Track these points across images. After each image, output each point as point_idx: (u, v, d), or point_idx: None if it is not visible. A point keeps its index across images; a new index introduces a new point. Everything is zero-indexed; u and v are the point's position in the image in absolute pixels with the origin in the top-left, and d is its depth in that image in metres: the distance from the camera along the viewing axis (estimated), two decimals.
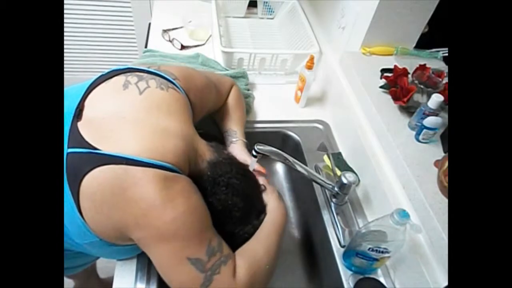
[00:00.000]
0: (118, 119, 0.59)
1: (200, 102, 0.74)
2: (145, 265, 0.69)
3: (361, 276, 0.71)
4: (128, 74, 0.66)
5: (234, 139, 0.83)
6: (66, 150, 0.55)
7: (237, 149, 0.81)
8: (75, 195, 0.54)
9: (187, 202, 0.56)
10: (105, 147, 0.55)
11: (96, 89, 0.63)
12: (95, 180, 0.53)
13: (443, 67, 0.92)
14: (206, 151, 0.67)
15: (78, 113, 0.59)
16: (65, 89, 0.66)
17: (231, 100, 0.88)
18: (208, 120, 0.88)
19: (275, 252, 0.66)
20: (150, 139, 0.58)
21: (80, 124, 0.58)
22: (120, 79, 0.65)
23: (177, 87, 0.68)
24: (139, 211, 0.53)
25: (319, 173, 0.89)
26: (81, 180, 0.53)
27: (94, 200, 0.54)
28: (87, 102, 0.61)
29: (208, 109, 0.82)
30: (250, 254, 0.62)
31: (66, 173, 0.54)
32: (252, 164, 0.73)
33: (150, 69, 0.68)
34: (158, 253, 0.55)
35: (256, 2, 1.37)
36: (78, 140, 0.56)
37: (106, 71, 0.66)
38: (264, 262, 0.63)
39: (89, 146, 0.55)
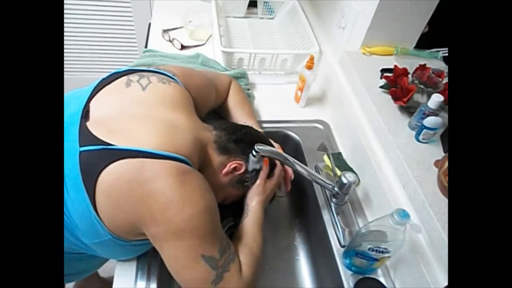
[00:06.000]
0: (126, 116, 0.61)
1: (201, 99, 0.76)
2: (145, 265, 0.69)
3: (361, 276, 0.71)
4: (129, 74, 0.67)
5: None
6: (78, 149, 0.55)
7: None
8: (90, 192, 0.54)
9: (204, 200, 0.57)
10: (119, 143, 0.55)
11: (100, 92, 0.65)
12: (113, 175, 0.54)
13: (443, 67, 0.92)
14: (210, 137, 0.70)
15: (85, 114, 0.60)
16: (67, 94, 0.67)
17: (234, 95, 0.90)
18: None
19: (263, 246, 0.69)
20: (162, 133, 0.59)
21: (89, 124, 0.58)
22: (122, 79, 0.66)
23: (177, 82, 0.70)
24: (158, 206, 0.54)
25: (319, 173, 0.89)
26: (97, 176, 0.54)
27: (110, 195, 0.54)
28: (92, 104, 0.62)
29: (210, 106, 0.84)
30: (249, 252, 0.65)
31: (80, 171, 0.54)
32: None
33: (150, 68, 0.70)
34: (173, 249, 0.56)
35: (256, 2, 1.37)
36: (90, 138, 0.56)
37: (107, 75, 0.68)
38: (259, 258, 0.66)
39: (103, 142, 0.55)
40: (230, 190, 0.72)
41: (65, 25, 1.76)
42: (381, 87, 0.86)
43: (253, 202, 0.72)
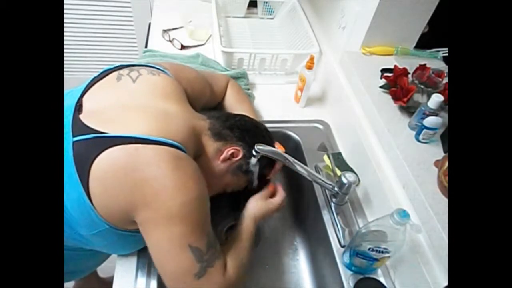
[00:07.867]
0: (118, 107, 0.61)
1: (193, 91, 0.76)
2: (145, 264, 0.69)
3: (361, 276, 0.71)
4: (120, 69, 0.68)
5: None
6: (71, 139, 0.56)
7: None
8: (84, 181, 0.54)
9: (198, 189, 0.56)
10: (112, 130, 0.56)
11: (92, 88, 0.65)
12: (106, 162, 0.54)
13: (443, 67, 0.92)
14: (205, 125, 0.70)
15: (78, 108, 0.61)
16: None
17: (231, 94, 0.90)
18: None
19: (251, 256, 0.68)
20: (155, 120, 0.59)
21: (81, 116, 0.59)
22: (112, 74, 0.67)
23: (167, 74, 0.71)
24: (150, 190, 0.53)
25: (319, 173, 0.89)
26: (91, 165, 0.53)
27: (104, 182, 0.54)
28: (85, 98, 0.63)
29: (204, 102, 0.83)
30: (237, 256, 0.63)
31: (74, 161, 0.54)
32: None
33: (139, 63, 0.71)
34: (160, 236, 0.54)
35: (256, 2, 1.37)
36: (82, 128, 0.57)
37: (98, 73, 0.68)
38: (246, 266, 0.64)
39: (95, 131, 0.56)
40: (230, 178, 0.72)
41: (65, 25, 1.76)
42: (381, 87, 0.86)
43: (250, 215, 0.71)
